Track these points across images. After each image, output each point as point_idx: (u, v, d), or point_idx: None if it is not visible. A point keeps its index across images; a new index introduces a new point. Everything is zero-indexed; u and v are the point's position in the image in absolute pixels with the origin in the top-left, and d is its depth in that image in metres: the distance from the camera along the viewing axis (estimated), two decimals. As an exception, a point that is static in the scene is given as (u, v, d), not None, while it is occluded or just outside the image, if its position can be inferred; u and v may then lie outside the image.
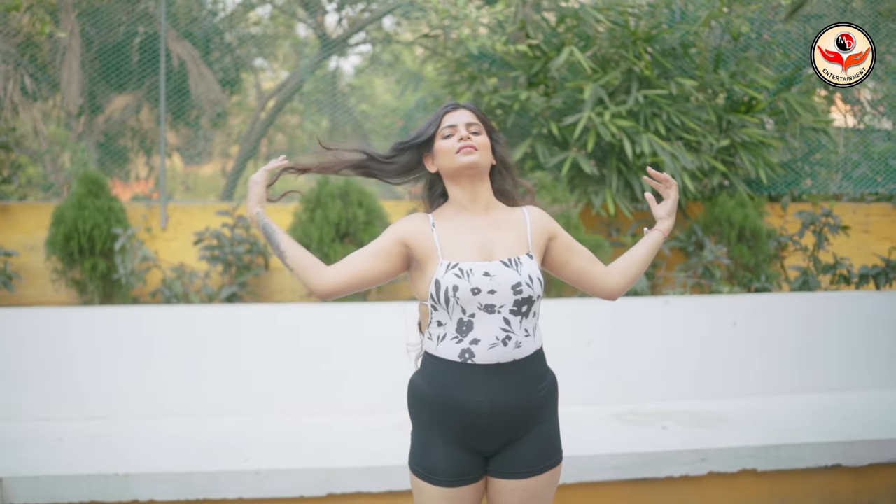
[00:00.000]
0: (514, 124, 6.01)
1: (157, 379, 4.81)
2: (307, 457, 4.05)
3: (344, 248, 5.33)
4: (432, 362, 2.37)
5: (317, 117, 7.72)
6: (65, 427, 4.54)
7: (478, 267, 2.29)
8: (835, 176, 6.77)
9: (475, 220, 2.40)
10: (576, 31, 5.94)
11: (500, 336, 2.28)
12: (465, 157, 2.32)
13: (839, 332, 5.42)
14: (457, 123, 2.36)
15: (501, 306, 2.28)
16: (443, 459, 2.34)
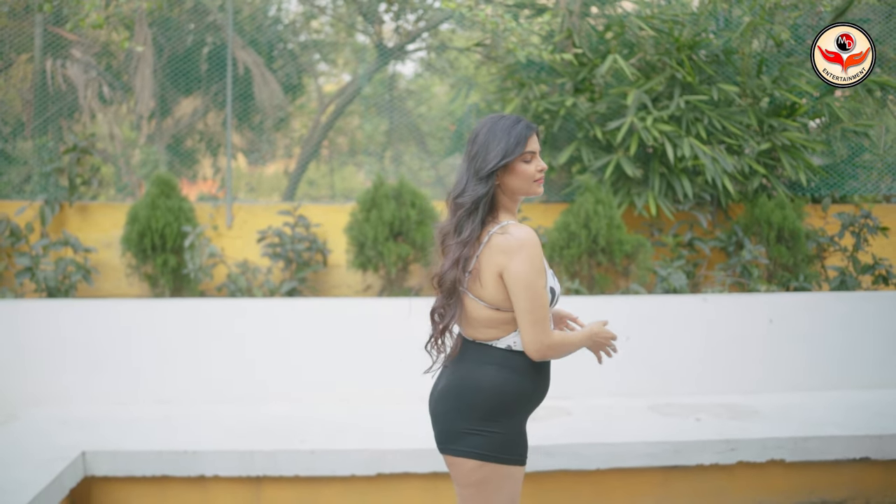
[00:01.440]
0: (561, 129, 6.25)
1: (221, 366, 5.18)
2: (359, 439, 4.37)
3: (397, 247, 5.64)
4: (528, 361, 2.57)
5: (376, 120, 8.05)
6: (138, 409, 4.94)
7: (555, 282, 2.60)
8: (886, 178, 6.85)
9: None
10: (621, 40, 6.16)
11: None
12: (539, 187, 2.56)
13: (875, 330, 5.55)
14: (535, 151, 2.53)
15: None
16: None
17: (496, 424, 2.53)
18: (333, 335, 5.24)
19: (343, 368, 5.18)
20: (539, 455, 4.31)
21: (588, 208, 5.78)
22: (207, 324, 5.28)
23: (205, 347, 5.21)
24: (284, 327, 5.28)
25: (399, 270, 5.86)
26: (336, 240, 6.05)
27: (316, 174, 8.65)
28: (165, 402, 5.09)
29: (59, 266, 5.63)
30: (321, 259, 6.01)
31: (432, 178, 7.81)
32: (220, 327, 5.26)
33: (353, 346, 5.21)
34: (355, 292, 6.09)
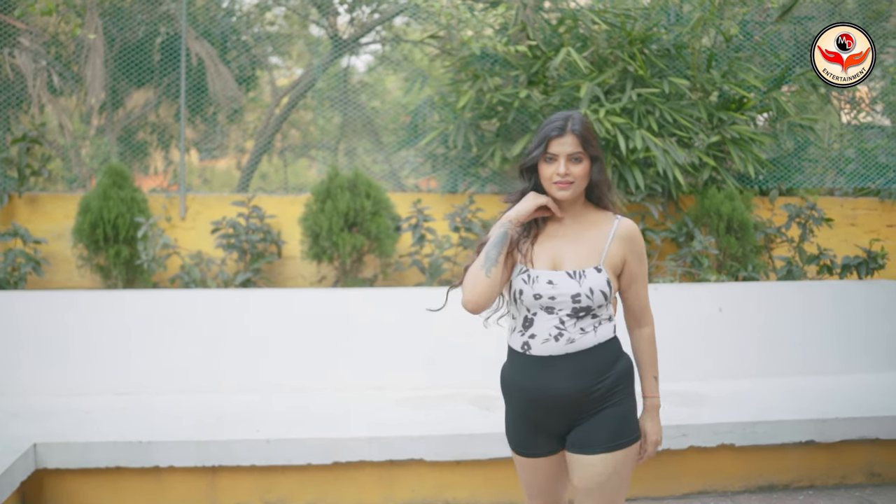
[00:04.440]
0: (515, 121, 6.30)
1: (176, 358, 5.14)
2: (315, 428, 4.36)
3: (352, 238, 5.65)
4: (509, 350, 2.70)
5: (329, 113, 8.03)
6: (91, 401, 4.89)
7: (543, 275, 2.56)
8: (831, 172, 7.02)
9: (562, 226, 2.64)
10: (574, 33, 6.22)
11: (553, 333, 2.56)
12: (560, 192, 2.53)
13: (820, 318, 5.69)
14: (559, 154, 2.52)
15: (560, 310, 2.55)
16: (521, 433, 2.70)
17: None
18: (289, 326, 5.23)
19: (298, 359, 5.17)
20: (495, 442, 4.36)
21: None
22: (162, 315, 5.24)
23: (160, 338, 5.17)
24: (239, 318, 5.26)
25: (354, 261, 5.88)
26: (290, 231, 6.04)
27: (268, 168, 8.61)
28: (120, 393, 5.05)
29: (7, 257, 5.54)
30: (276, 250, 6.00)
31: (385, 171, 7.82)
32: (174, 318, 5.23)
33: (309, 336, 5.21)
34: (310, 283, 6.09)
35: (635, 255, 2.67)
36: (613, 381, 2.62)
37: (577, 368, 2.57)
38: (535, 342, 2.58)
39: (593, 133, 2.62)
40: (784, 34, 6.71)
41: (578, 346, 2.57)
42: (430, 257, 5.90)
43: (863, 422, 4.77)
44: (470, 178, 6.57)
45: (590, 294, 2.54)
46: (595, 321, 2.59)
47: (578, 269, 2.56)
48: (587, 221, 2.65)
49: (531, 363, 2.60)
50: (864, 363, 5.67)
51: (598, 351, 2.61)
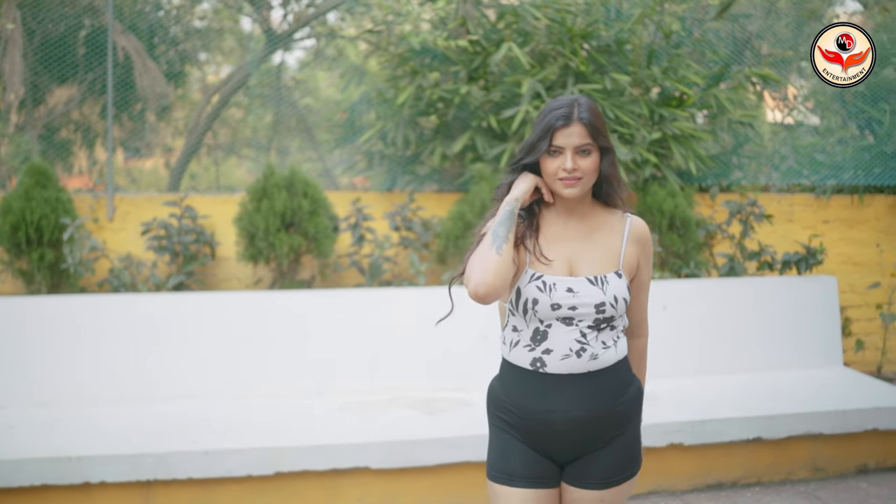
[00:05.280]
0: (455, 117, 6.19)
1: (106, 366, 4.89)
2: (255, 437, 4.19)
3: (289, 238, 5.47)
4: (506, 367, 2.38)
5: (261, 111, 7.81)
6: (15, 414, 4.61)
7: (562, 282, 2.26)
8: (765, 168, 7.08)
9: (568, 228, 2.35)
10: (514, 28, 6.14)
11: (574, 348, 2.25)
12: (566, 189, 2.26)
13: (763, 314, 5.70)
14: (565, 146, 2.23)
15: (580, 321, 2.25)
16: (520, 461, 2.32)
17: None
18: (225, 330, 5.02)
19: (236, 365, 4.97)
20: (441, 447, 4.25)
21: (484, 197, 5.75)
22: (90, 321, 4.98)
23: (88, 346, 4.91)
24: (173, 323, 5.03)
25: (291, 262, 5.70)
26: (225, 231, 5.83)
27: (198, 168, 8.35)
28: (45, 405, 4.77)
29: (-79, 262, 5.23)
30: (209, 252, 5.78)
31: (319, 169, 7.64)
32: (104, 325, 4.97)
33: (246, 341, 5.00)
34: (245, 285, 5.89)
35: (647, 260, 2.43)
36: (630, 403, 2.36)
37: (599, 388, 2.29)
38: (551, 358, 2.26)
39: (603, 120, 2.31)
40: (722, 31, 6.73)
41: (602, 362, 2.29)
42: (370, 257, 5.75)
43: (807, 417, 4.80)
44: (408, 175, 6.44)
45: (614, 302, 2.26)
46: (614, 333, 2.33)
47: (600, 275, 2.29)
48: (597, 221, 2.38)
49: (546, 382, 2.28)
50: (806, 358, 5.70)
51: (619, 368, 2.34)
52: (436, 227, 5.94)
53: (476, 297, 2.16)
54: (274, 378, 4.98)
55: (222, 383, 4.92)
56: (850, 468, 5.00)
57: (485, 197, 5.73)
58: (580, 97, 2.30)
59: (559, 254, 2.32)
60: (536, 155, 2.27)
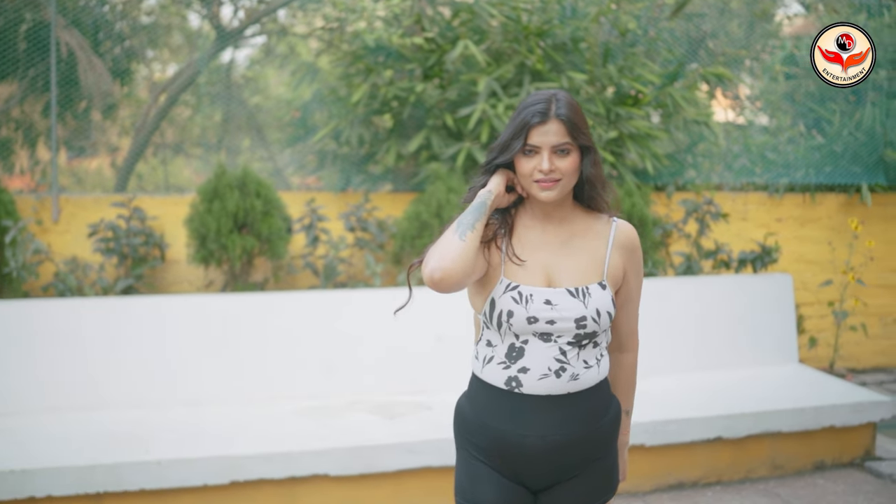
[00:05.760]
0: (410, 116, 6.11)
1: (54, 373, 4.69)
2: (209, 445, 4.06)
3: (242, 240, 5.33)
4: (478, 385, 2.19)
5: (209, 110, 7.64)
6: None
7: (539, 293, 2.07)
8: (717, 167, 7.11)
9: (546, 234, 2.16)
10: (470, 26, 6.07)
11: (554, 367, 2.07)
12: (543, 192, 2.06)
13: (721, 313, 5.71)
14: (541, 145, 2.03)
15: (559, 336, 2.07)
16: (491, 489, 2.13)
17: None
18: (176, 335, 4.86)
19: (188, 370, 4.81)
20: (401, 453, 4.16)
21: (440, 197, 5.67)
22: (35, 327, 4.78)
23: (33, 353, 4.71)
24: (122, 328, 4.86)
25: (244, 264, 5.56)
26: (175, 233, 5.67)
27: (144, 168, 8.14)
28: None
29: None
30: (159, 254, 5.61)
31: (270, 169, 7.49)
32: (50, 330, 4.78)
33: (198, 345, 4.85)
34: (196, 288, 5.73)
35: (635, 268, 2.23)
36: (609, 426, 2.19)
37: (579, 411, 2.11)
38: (528, 378, 2.07)
39: (583, 117, 2.10)
40: (677, 31, 6.74)
41: (583, 383, 2.10)
42: (325, 259, 5.64)
43: (766, 416, 4.82)
44: (362, 175, 6.34)
45: (596, 317, 2.06)
46: (597, 351, 2.14)
47: (581, 286, 2.09)
48: (578, 226, 2.18)
49: (521, 404, 2.09)
50: (762, 356, 5.72)
51: (599, 390, 2.16)
52: (391, 227, 5.85)
53: (431, 283, 1.97)
54: (227, 384, 4.84)
55: (174, 390, 4.77)
56: (807, 465, 5.03)
57: (441, 197, 5.65)
58: (559, 92, 2.11)
59: (536, 263, 2.12)
60: (510, 155, 2.07)
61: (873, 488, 4.87)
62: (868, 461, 5.16)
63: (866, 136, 7.19)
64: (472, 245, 2.00)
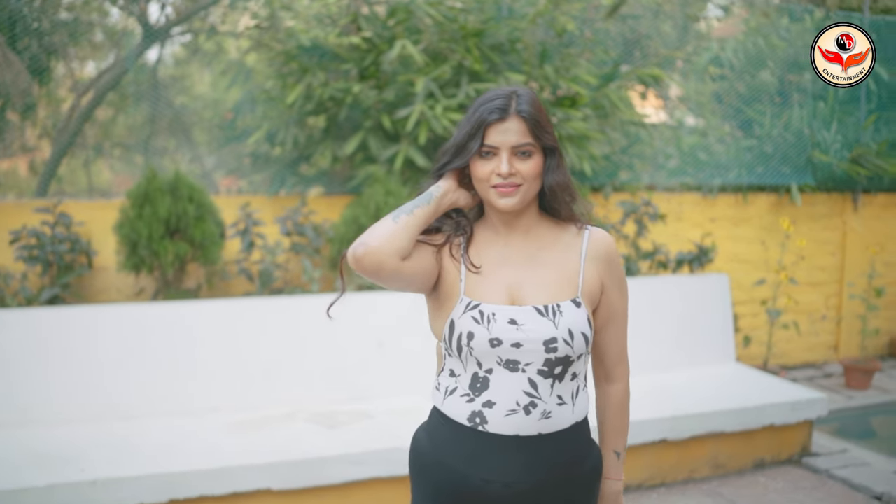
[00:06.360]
0: (346, 117, 5.98)
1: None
2: (146, 462, 3.89)
3: (174, 245, 5.14)
4: (438, 419, 1.94)
5: (135, 110, 7.37)
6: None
7: (503, 312, 1.83)
8: (648, 167, 7.15)
9: (509, 248, 1.94)
10: (406, 25, 5.97)
11: (522, 402, 1.82)
12: (502, 199, 1.85)
13: (663, 314, 5.74)
14: (500, 146, 1.83)
15: (528, 364, 1.82)
16: None
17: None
18: (106, 346, 4.65)
19: (121, 384, 4.61)
20: (346, 464, 4.05)
21: (378, 200, 5.56)
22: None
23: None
24: (47, 340, 4.61)
25: (176, 271, 5.37)
26: (103, 240, 5.43)
27: (65, 169, 7.82)
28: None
29: None
30: (86, 261, 5.37)
31: (197, 171, 7.27)
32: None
33: (130, 357, 4.65)
34: (126, 297, 5.51)
35: (615, 281, 1.98)
36: (587, 479, 1.94)
37: (550, 456, 1.85)
38: (493, 414, 1.83)
39: (547, 115, 1.90)
40: (612, 31, 6.75)
41: (556, 423, 1.85)
42: (261, 264, 5.48)
43: (709, 417, 4.86)
44: (294, 178, 6.18)
45: (569, 339, 1.82)
46: (574, 385, 1.88)
47: (551, 304, 1.85)
48: (546, 238, 1.96)
49: (485, 444, 1.83)
50: (702, 355, 5.77)
51: (576, 433, 1.90)
52: (328, 231, 5.71)
53: (354, 259, 1.78)
54: (163, 396, 4.65)
55: (107, 405, 4.56)
56: (747, 463, 5.09)
57: (379, 200, 5.54)
58: (519, 87, 1.91)
59: (500, 279, 1.89)
60: (465, 158, 1.85)
61: (811, 484, 4.95)
62: (805, 457, 5.24)
63: (795, 137, 7.32)
64: (405, 227, 1.81)
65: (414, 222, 1.83)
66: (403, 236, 1.81)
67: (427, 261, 1.90)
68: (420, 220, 1.84)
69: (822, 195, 7.51)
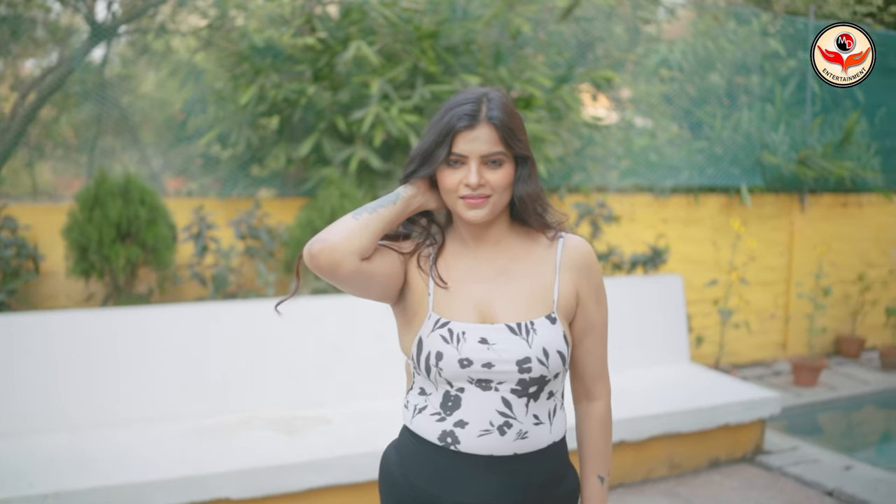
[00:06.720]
0: (300, 119, 5.91)
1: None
2: (100, 473, 3.78)
3: (126, 250, 5.03)
4: (408, 437, 1.86)
5: (82, 110, 7.20)
6: None
7: (473, 331, 1.75)
8: (600, 168, 7.19)
9: (479, 262, 1.85)
10: (360, 27, 5.92)
11: (497, 422, 1.75)
12: (470, 210, 1.75)
13: (617, 316, 5.72)
14: (469, 155, 1.73)
15: (500, 383, 1.74)
16: None
17: None
18: (55, 354, 4.51)
19: (70, 393, 4.48)
20: (305, 471, 4.00)
21: (333, 203, 5.50)
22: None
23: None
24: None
25: (128, 276, 5.25)
26: (50, 244, 5.29)
27: (7, 171, 7.61)
28: None
29: None
30: (33, 267, 5.22)
31: (145, 173, 7.13)
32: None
33: (80, 365, 4.51)
34: (76, 303, 5.38)
35: (593, 291, 1.87)
36: (563, 501, 1.86)
37: (526, 477, 1.78)
38: (466, 434, 1.75)
39: (520, 121, 1.79)
40: (566, 33, 6.77)
41: (532, 443, 1.78)
42: (214, 268, 5.39)
43: (666, 418, 4.90)
44: (247, 180, 6.09)
45: (544, 358, 1.74)
46: (550, 404, 1.81)
47: (524, 321, 1.76)
48: (518, 249, 1.86)
49: (458, 465, 1.76)
50: (657, 356, 5.82)
51: (554, 454, 1.83)
52: (283, 234, 5.64)
53: (309, 256, 1.69)
54: (114, 405, 4.54)
55: (56, 415, 4.44)
56: (703, 462, 5.14)
57: (334, 203, 5.48)
58: (491, 90, 1.80)
59: (469, 295, 1.80)
60: (432, 166, 1.74)
61: (765, 482, 5.02)
62: (759, 455, 5.32)
63: (744, 139, 7.43)
64: (366, 226, 1.72)
65: (376, 221, 1.74)
66: (363, 235, 1.72)
67: (390, 267, 1.81)
68: (384, 220, 1.76)
69: (770, 196, 7.64)
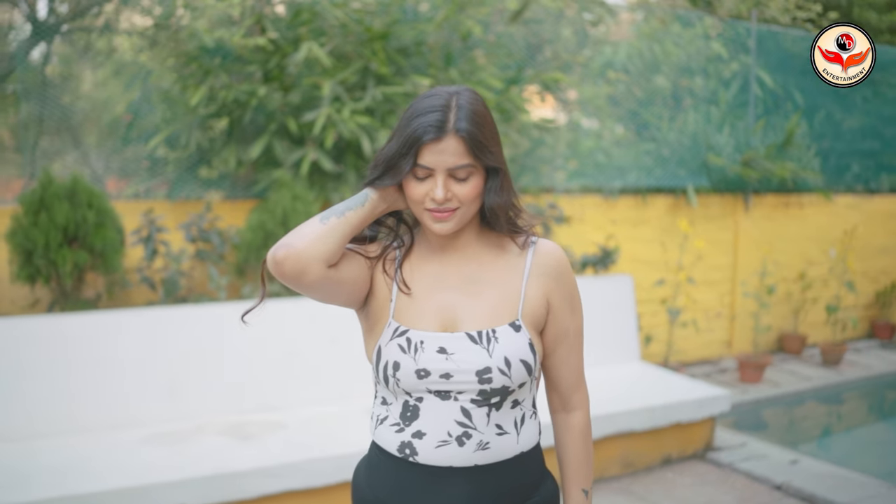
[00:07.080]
0: (250, 120, 5.84)
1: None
2: (51, 484, 3.70)
3: (73, 254, 4.92)
4: (374, 451, 1.82)
5: (17, 110, 7.02)
6: None
7: (432, 340, 1.70)
8: (547, 168, 7.24)
9: (445, 270, 1.78)
10: (311, 27, 5.87)
11: (455, 432, 1.69)
12: (436, 223, 1.69)
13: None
14: (435, 167, 1.64)
15: (460, 393, 1.68)
16: None
17: None
18: (2, 363, 4.40)
19: (16, 402, 4.36)
20: (262, 478, 3.96)
21: (285, 205, 5.45)
22: None
23: None
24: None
25: (75, 280, 5.13)
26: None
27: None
28: None
29: None
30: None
31: (87, 174, 6.98)
32: None
33: (25, 373, 4.39)
34: (20, 309, 5.24)
35: (564, 298, 1.80)
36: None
37: (492, 489, 1.71)
38: (423, 445, 1.70)
39: (491, 128, 1.69)
40: (516, 35, 6.80)
41: (495, 454, 1.71)
42: (164, 272, 5.30)
43: (620, 417, 4.96)
44: (194, 182, 6.00)
45: (505, 368, 1.67)
46: (516, 413, 1.74)
47: (486, 329, 1.70)
48: (486, 256, 1.79)
49: (417, 476, 1.71)
50: (608, 355, 5.87)
51: (523, 463, 1.75)
52: (234, 237, 5.57)
53: (273, 262, 1.62)
54: (62, 413, 4.43)
55: (1, 425, 4.33)
56: (655, 460, 5.21)
57: (287, 205, 5.43)
58: (461, 93, 1.68)
59: (433, 304, 1.74)
60: (397, 177, 1.66)
61: (717, 477, 5.11)
62: (709, 452, 5.41)
63: (690, 140, 7.55)
64: (333, 231, 1.65)
65: (344, 226, 1.67)
66: (331, 241, 1.65)
67: (356, 273, 1.75)
68: (352, 223, 1.68)
69: (716, 196, 7.77)
